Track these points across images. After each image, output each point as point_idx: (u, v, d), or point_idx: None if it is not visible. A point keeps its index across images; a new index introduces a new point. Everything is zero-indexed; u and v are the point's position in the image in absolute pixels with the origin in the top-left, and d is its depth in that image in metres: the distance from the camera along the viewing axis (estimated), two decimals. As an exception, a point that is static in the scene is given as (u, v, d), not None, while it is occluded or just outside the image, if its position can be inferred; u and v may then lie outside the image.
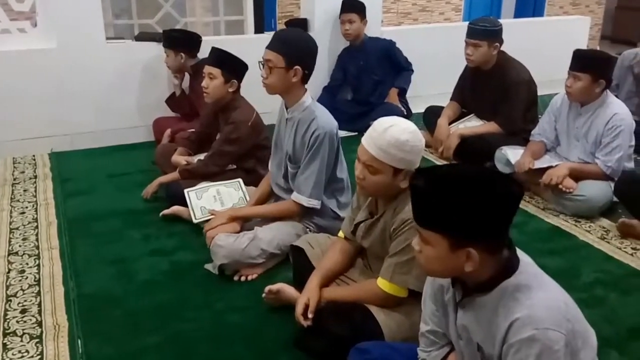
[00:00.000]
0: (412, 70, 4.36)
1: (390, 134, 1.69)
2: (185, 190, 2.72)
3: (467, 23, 3.69)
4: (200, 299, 2.28)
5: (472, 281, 1.29)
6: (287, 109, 2.41)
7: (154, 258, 2.58)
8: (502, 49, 3.58)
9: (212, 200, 2.71)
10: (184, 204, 2.74)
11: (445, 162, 3.65)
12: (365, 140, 1.75)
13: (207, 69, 2.84)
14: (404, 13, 6.77)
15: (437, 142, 3.75)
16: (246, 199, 2.71)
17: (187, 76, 3.78)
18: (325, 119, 2.33)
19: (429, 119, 4.02)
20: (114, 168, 3.58)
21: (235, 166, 2.96)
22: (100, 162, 3.69)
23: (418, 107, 4.34)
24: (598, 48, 6.92)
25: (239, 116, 2.84)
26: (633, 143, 3.04)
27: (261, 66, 2.32)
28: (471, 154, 3.54)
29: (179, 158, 3.08)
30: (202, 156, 3.01)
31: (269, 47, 2.29)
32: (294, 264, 2.24)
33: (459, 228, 1.20)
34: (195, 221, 2.64)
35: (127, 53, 3.92)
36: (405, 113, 4.25)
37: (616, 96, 3.20)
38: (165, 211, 2.89)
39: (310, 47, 2.33)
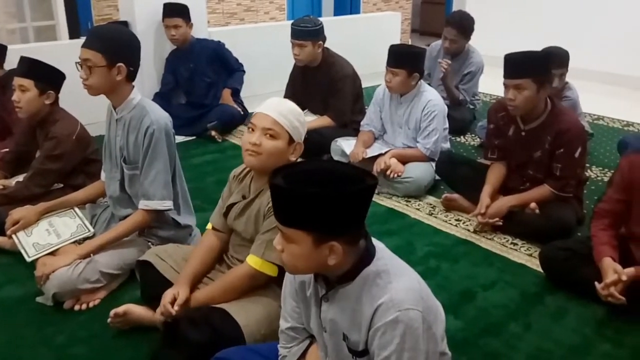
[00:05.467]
0: (244, 71, 4.38)
1: (288, 104, 1.85)
2: (10, 231, 2.40)
3: (291, 22, 3.80)
4: (36, 335, 2.07)
5: (334, 274, 1.32)
6: (114, 109, 2.27)
7: (-26, 299, 2.28)
8: (326, 45, 3.75)
9: (45, 234, 2.41)
10: (5, 233, 2.44)
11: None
12: (264, 109, 1.82)
13: (17, 80, 2.58)
14: (229, 13, 6.76)
15: (275, 140, 3.82)
16: (86, 226, 2.46)
17: (-8, 90, 3.37)
18: (158, 114, 2.23)
19: (265, 117, 4.07)
20: None
21: (62, 185, 2.71)
22: None
23: (255, 107, 4.35)
24: (410, 41, 7.59)
25: (60, 130, 2.61)
26: (447, 126, 3.39)
27: (79, 67, 2.14)
28: (309, 148, 3.64)
29: (-7, 182, 2.75)
30: (21, 177, 2.72)
31: (85, 45, 2.11)
32: (142, 280, 2.11)
33: (322, 224, 1.21)
34: (29, 260, 2.33)
35: None
36: (242, 113, 4.27)
37: (429, 84, 3.54)
38: (-17, 244, 2.56)
39: (132, 41, 2.20)
